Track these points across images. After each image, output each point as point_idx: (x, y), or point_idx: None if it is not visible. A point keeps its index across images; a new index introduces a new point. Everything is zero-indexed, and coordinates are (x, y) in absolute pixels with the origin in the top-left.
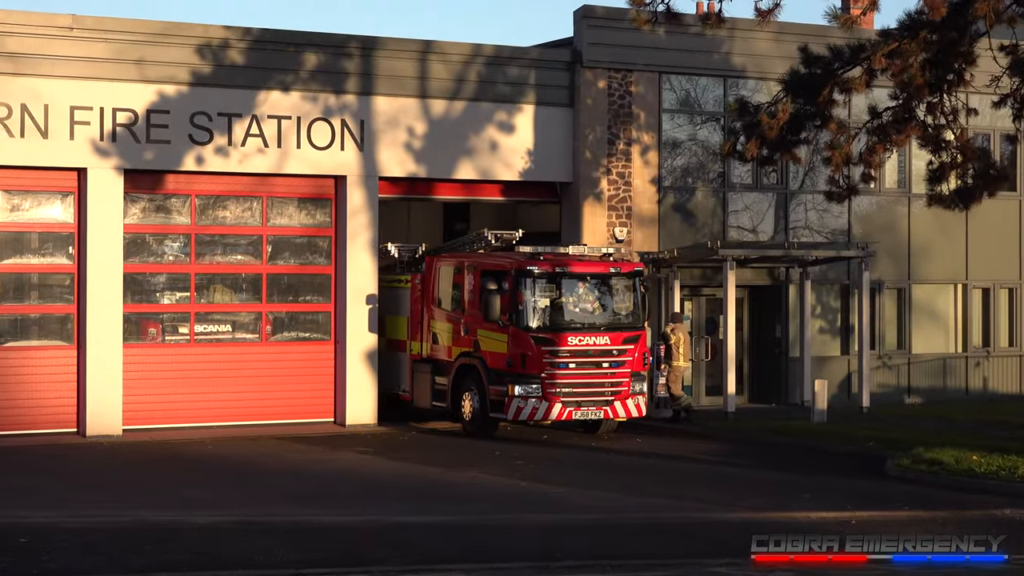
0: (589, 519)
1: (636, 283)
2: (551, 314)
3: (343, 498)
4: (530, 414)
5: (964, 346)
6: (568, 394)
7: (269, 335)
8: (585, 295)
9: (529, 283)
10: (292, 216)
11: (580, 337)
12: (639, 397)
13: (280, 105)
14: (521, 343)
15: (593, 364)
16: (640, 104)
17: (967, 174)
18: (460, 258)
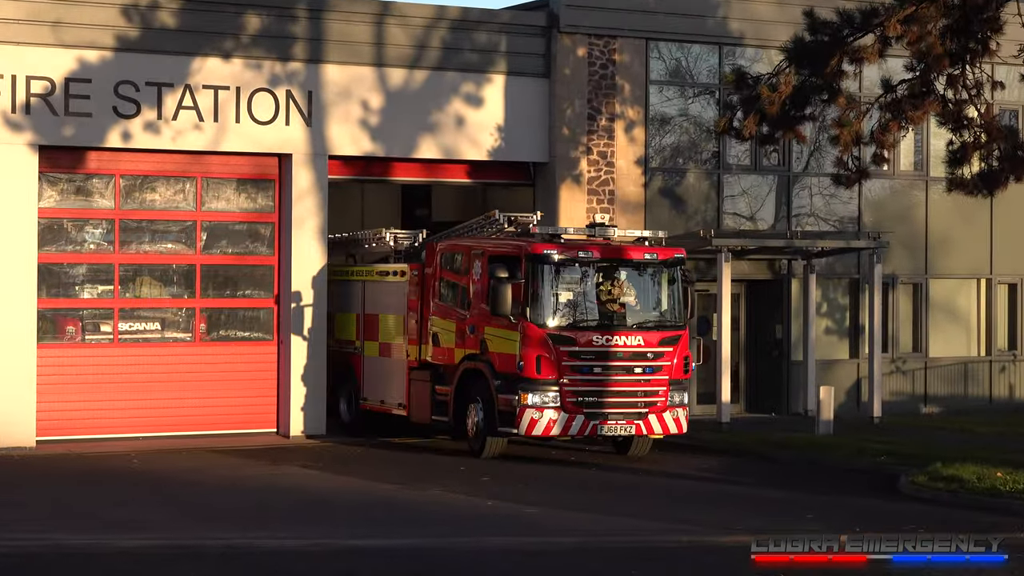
0: (564, 543)
1: (677, 273)
2: (573, 309)
3: (285, 519)
4: (546, 428)
5: (988, 349)
6: (592, 404)
7: (203, 334)
8: (614, 286)
9: (546, 271)
10: (230, 199)
11: (608, 336)
12: (679, 410)
13: (217, 74)
14: (536, 343)
15: (623, 369)
16: (625, 75)
17: (992, 155)
18: (465, 243)
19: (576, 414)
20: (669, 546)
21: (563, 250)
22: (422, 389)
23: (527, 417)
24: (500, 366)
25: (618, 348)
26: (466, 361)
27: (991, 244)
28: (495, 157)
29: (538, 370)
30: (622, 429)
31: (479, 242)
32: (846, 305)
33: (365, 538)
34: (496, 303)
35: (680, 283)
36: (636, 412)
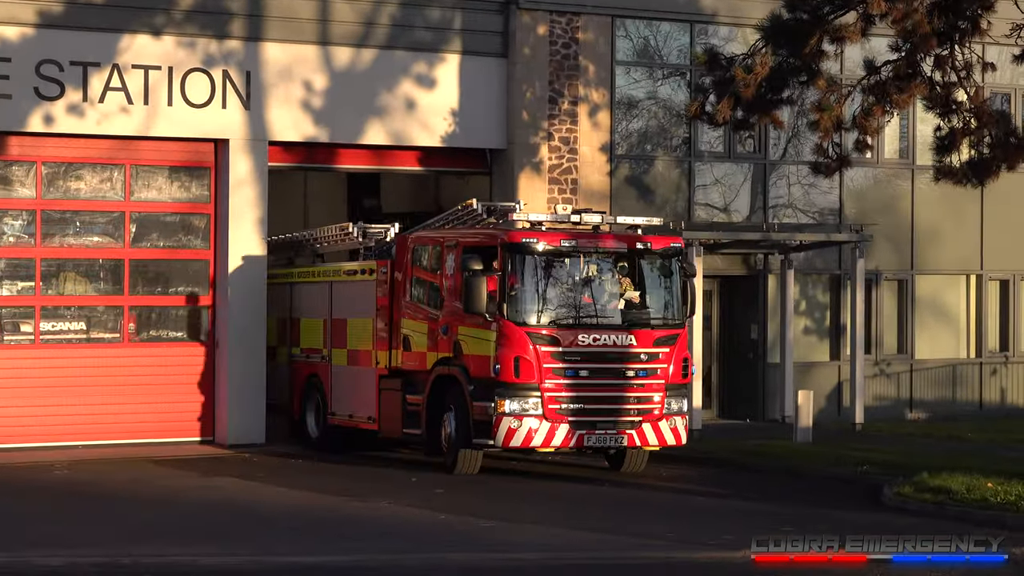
0: (523, 559)
1: (675, 264)
2: (556, 305)
3: (221, 534)
4: (525, 439)
5: (978, 350)
6: (578, 412)
7: (132, 335)
8: (603, 280)
9: (525, 262)
10: (162, 189)
11: (595, 336)
12: (677, 419)
13: (148, 52)
14: (514, 343)
15: (613, 372)
16: (589, 55)
17: (982, 142)
18: (437, 235)
19: (560, 423)
20: (636, 563)
21: (544, 239)
22: (392, 399)
23: (504, 427)
24: (475, 370)
25: (607, 349)
26: (439, 366)
27: (981, 238)
28: (449, 143)
29: (516, 373)
30: (612, 440)
31: (451, 233)
32: (826, 303)
33: (306, 555)
34: (469, 299)
35: (678, 276)
36: (628, 421)
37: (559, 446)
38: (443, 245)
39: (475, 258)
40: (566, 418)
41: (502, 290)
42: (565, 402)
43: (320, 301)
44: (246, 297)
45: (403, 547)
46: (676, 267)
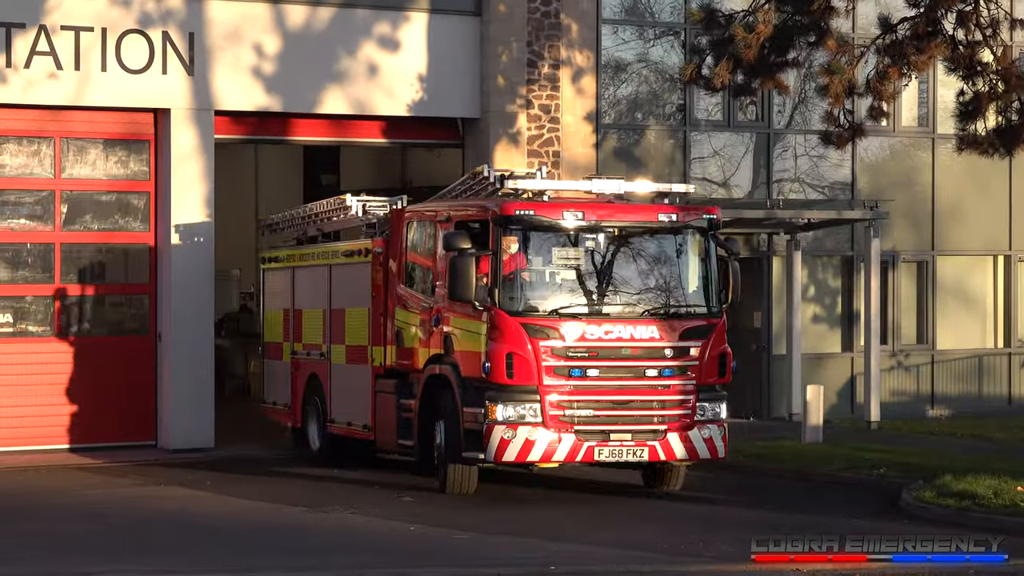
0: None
1: (708, 242)
2: (559, 291)
3: (168, 548)
4: (520, 452)
5: (1007, 340)
6: (587, 420)
7: (65, 328)
8: (618, 260)
9: (520, 240)
10: (96, 164)
11: (608, 328)
12: (712, 427)
13: (79, 13)
14: (506, 336)
15: (630, 371)
16: (572, 12)
17: (1010, 108)
18: (432, 209)
19: (563, 433)
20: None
21: (543, 211)
22: (387, 404)
23: (496, 437)
24: (466, 369)
25: (623, 343)
26: (431, 364)
27: (1010, 214)
28: (416, 112)
29: (510, 373)
30: (630, 454)
31: (443, 206)
32: (838, 288)
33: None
34: (455, 284)
35: (714, 255)
36: (650, 431)
37: (563, 460)
38: (436, 221)
39: (461, 235)
40: (571, 427)
41: (494, 273)
42: (570, 408)
43: (319, 288)
44: (191, 285)
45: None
46: (710, 244)
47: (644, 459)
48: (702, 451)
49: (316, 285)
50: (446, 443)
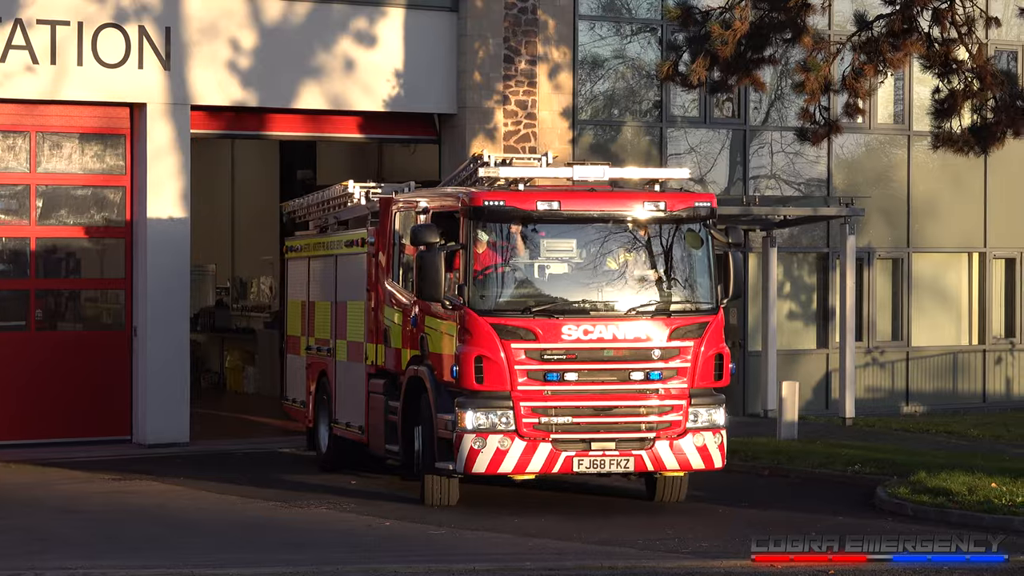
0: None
1: (704, 232)
2: (535, 288)
3: (139, 543)
4: (492, 463)
5: (981, 336)
6: (565, 428)
7: (39, 323)
8: (601, 253)
9: (493, 232)
10: (71, 159)
11: (588, 327)
12: (707, 434)
13: (55, 6)
14: (476, 337)
15: (613, 375)
16: (549, 8)
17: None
18: (415, 199)
19: (539, 442)
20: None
21: (517, 200)
22: (378, 405)
23: (465, 447)
24: (439, 372)
25: (605, 344)
26: (412, 366)
27: (985, 212)
28: (393, 108)
29: (479, 378)
30: (614, 464)
31: (423, 195)
32: (813, 285)
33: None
34: (423, 281)
35: (709, 246)
36: (636, 439)
37: (538, 472)
38: (416, 211)
39: (429, 229)
40: (547, 435)
41: (465, 269)
42: (546, 415)
43: (328, 280)
44: (167, 280)
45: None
46: (706, 235)
47: (630, 469)
48: (695, 461)
49: (326, 276)
50: (423, 451)
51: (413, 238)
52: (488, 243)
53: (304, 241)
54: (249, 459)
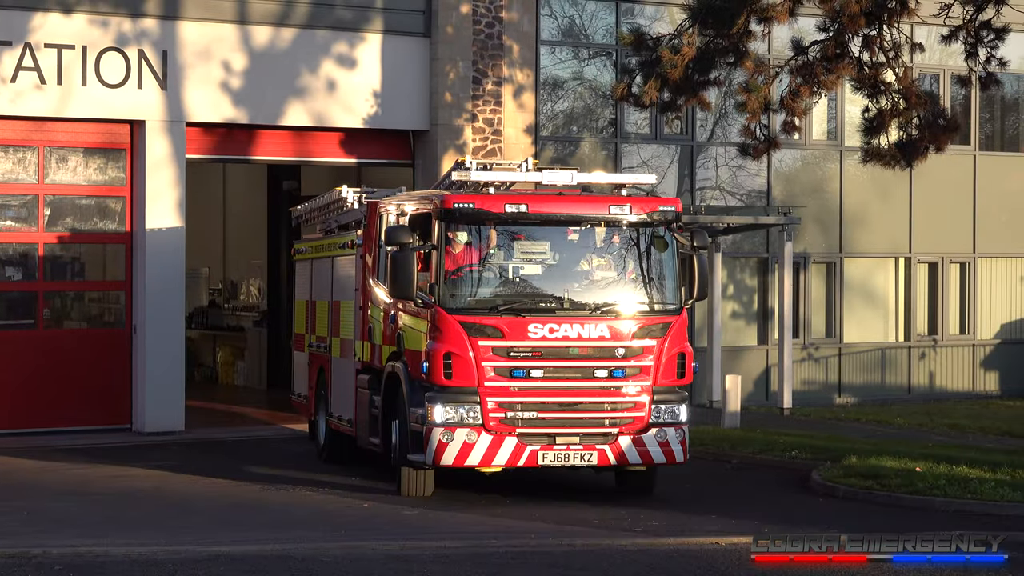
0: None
1: (668, 235)
2: (503, 287)
3: (138, 523)
4: (459, 456)
5: (906, 334)
6: (530, 422)
7: (47, 321)
8: (567, 255)
9: (463, 233)
10: (76, 171)
11: (553, 326)
12: (669, 430)
13: (61, 31)
14: (445, 335)
15: (578, 372)
16: (513, 34)
17: (911, 123)
18: (397, 202)
19: (505, 436)
20: (562, 550)
21: (485, 203)
22: (364, 400)
23: (434, 440)
24: (412, 368)
25: (570, 342)
26: (390, 362)
27: (910, 220)
28: (371, 125)
29: (447, 374)
30: (577, 458)
31: (402, 198)
32: (754, 287)
33: (228, 544)
34: (395, 280)
35: (673, 249)
36: (600, 433)
37: (504, 465)
38: (398, 213)
39: (403, 230)
40: (513, 429)
41: (436, 269)
42: (512, 410)
43: (326, 280)
44: (164, 282)
45: (326, 535)
46: (670, 238)
47: (593, 463)
48: (657, 455)
49: (324, 277)
50: (400, 444)
51: (387, 239)
52: (458, 244)
53: (308, 244)
54: (239, 446)
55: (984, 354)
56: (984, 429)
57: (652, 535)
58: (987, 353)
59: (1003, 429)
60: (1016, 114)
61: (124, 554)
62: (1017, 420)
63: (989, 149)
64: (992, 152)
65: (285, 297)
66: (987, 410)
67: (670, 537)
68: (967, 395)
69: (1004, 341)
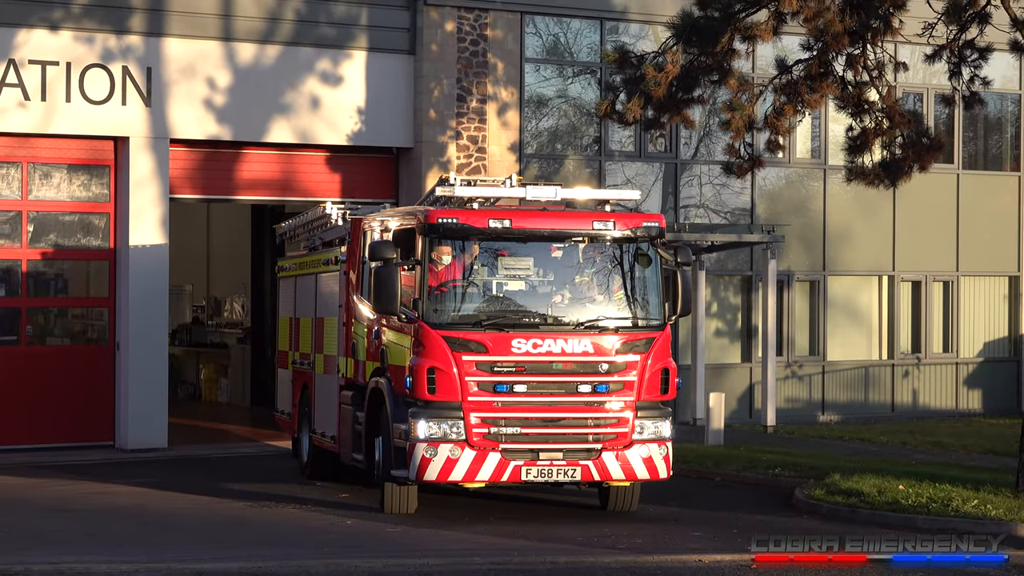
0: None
1: (652, 251)
2: (486, 302)
3: (119, 540)
4: (442, 471)
5: (890, 352)
6: (513, 438)
7: (30, 337)
8: (550, 270)
9: (446, 248)
10: (60, 187)
11: (536, 341)
12: (652, 446)
13: (46, 48)
14: (429, 350)
15: (561, 387)
16: (498, 52)
17: (894, 142)
18: (381, 218)
19: (488, 451)
20: (546, 567)
21: (469, 218)
22: (347, 416)
23: (417, 455)
24: (396, 384)
25: (553, 357)
26: (374, 378)
27: (894, 239)
28: (356, 142)
29: (431, 389)
30: (561, 474)
31: (387, 214)
32: (738, 305)
33: (210, 561)
34: (379, 295)
35: (657, 265)
36: (583, 449)
37: (488, 480)
38: (381, 229)
39: (387, 245)
40: (497, 445)
41: (420, 284)
42: (496, 425)
43: (310, 297)
44: (147, 299)
45: (310, 552)
46: (654, 254)
47: (577, 479)
48: (640, 471)
49: (308, 294)
50: (383, 460)
51: (371, 254)
52: (442, 259)
53: (292, 261)
54: (222, 463)
55: (967, 372)
56: (967, 447)
57: (636, 552)
58: (970, 371)
59: (986, 447)
60: (999, 133)
61: (106, 571)
62: (1000, 438)
63: (972, 168)
64: (975, 171)
65: (269, 314)
66: (970, 428)
67: (653, 554)
68: (950, 413)
69: (987, 359)
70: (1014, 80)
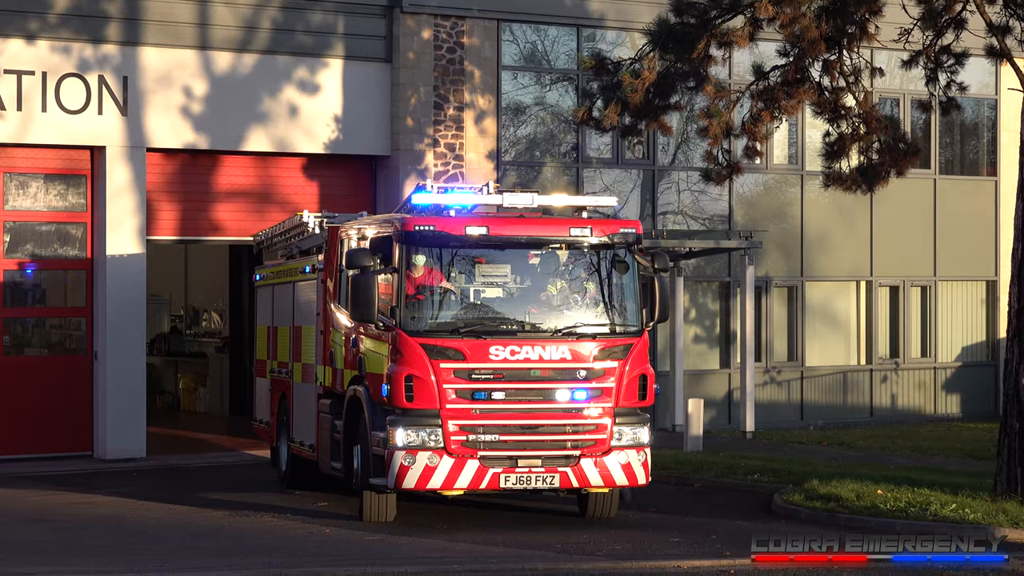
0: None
1: (629, 257)
2: (464, 310)
3: (97, 550)
4: (420, 479)
5: (868, 357)
6: (492, 445)
7: (7, 347)
8: (528, 277)
9: (423, 256)
10: (37, 197)
11: (514, 348)
12: (631, 452)
13: (21, 58)
14: (406, 358)
15: (539, 394)
16: (475, 59)
17: (871, 148)
18: (358, 226)
19: (467, 459)
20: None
21: (446, 226)
22: (325, 425)
23: (395, 463)
24: (374, 392)
25: (531, 364)
26: (352, 386)
27: (871, 244)
28: (333, 150)
29: (409, 396)
30: (540, 481)
31: (364, 222)
32: (716, 311)
33: (188, 571)
34: (356, 303)
35: (635, 271)
36: (561, 456)
37: (466, 488)
38: (359, 237)
39: (364, 253)
40: (475, 452)
41: (397, 291)
42: (474, 432)
43: (287, 306)
44: (125, 308)
45: (289, 560)
46: (631, 260)
47: (555, 486)
48: (619, 478)
49: (285, 303)
50: (361, 468)
51: (348, 262)
52: (419, 266)
53: (269, 270)
54: (200, 472)
55: (945, 377)
56: (946, 451)
57: (615, 559)
58: (948, 376)
59: (965, 451)
60: (976, 138)
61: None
62: (978, 442)
63: (949, 173)
64: (952, 176)
65: (247, 323)
66: (949, 432)
67: (632, 561)
68: (929, 418)
69: (965, 364)
70: (990, 85)
